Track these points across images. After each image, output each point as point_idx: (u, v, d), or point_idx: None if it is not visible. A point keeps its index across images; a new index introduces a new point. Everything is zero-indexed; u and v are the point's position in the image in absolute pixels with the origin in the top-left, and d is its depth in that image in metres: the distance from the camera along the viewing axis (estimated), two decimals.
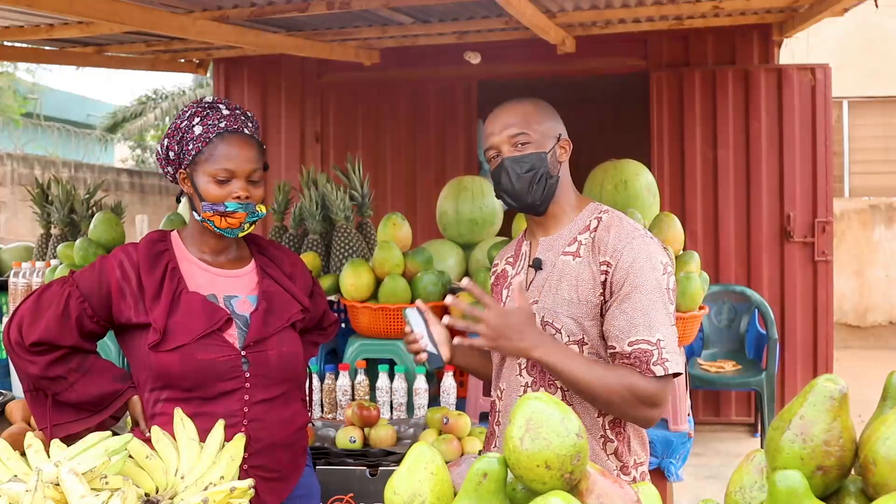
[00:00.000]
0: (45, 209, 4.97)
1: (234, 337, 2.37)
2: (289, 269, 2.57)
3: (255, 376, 2.38)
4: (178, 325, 2.32)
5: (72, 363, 2.37)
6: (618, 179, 4.25)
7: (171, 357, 2.31)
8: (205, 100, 2.43)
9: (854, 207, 11.20)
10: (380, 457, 3.20)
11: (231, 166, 2.34)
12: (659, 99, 7.00)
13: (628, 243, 2.17)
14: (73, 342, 2.36)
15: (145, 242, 2.43)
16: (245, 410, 2.35)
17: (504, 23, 5.90)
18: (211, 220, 2.37)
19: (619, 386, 2.09)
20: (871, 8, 5.73)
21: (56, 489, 1.67)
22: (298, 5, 5.02)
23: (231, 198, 2.34)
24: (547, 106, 2.35)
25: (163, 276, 2.37)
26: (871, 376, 5.56)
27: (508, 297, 2.38)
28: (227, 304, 2.42)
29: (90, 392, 2.38)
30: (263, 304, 2.44)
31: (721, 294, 6.65)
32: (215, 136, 2.36)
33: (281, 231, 4.79)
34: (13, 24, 5.51)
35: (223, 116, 2.39)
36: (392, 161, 7.74)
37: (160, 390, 2.36)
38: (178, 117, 2.42)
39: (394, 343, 3.95)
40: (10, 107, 16.13)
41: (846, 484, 1.29)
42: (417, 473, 1.45)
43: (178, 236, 2.48)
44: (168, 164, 2.43)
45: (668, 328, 2.13)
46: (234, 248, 2.50)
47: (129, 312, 2.34)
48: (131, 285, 2.35)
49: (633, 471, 2.26)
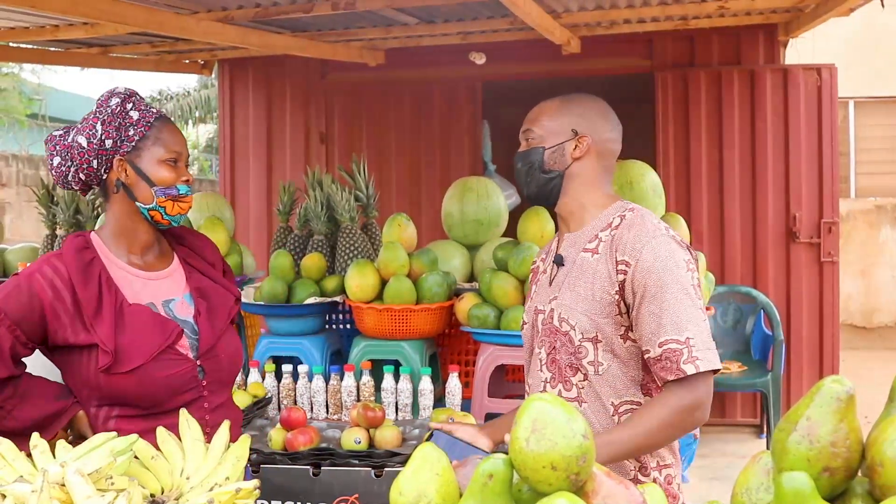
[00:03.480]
0: (51, 210, 4.98)
1: (185, 347, 2.28)
2: (210, 256, 2.48)
3: (211, 382, 2.32)
4: (128, 344, 2.18)
5: (6, 392, 2.17)
6: (623, 180, 4.25)
7: (126, 379, 2.17)
8: (118, 89, 2.32)
9: (860, 208, 11.18)
10: (385, 458, 3.20)
11: (178, 149, 2.30)
12: (664, 99, 6.99)
13: (647, 243, 2.16)
14: (8, 374, 2.16)
15: (71, 252, 2.23)
16: (207, 418, 2.27)
17: (509, 23, 5.89)
18: (162, 207, 2.27)
19: (661, 423, 2.10)
20: (877, 8, 5.71)
21: (62, 490, 1.67)
22: (303, 6, 5.02)
23: (181, 181, 2.29)
24: (576, 102, 2.35)
25: (99, 288, 2.21)
26: (878, 377, 5.55)
27: (535, 291, 2.41)
28: (167, 310, 2.30)
29: (30, 416, 2.18)
30: (203, 304, 2.34)
31: (727, 295, 6.63)
32: (155, 121, 2.29)
33: (286, 232, 4.79)
34: (18, 25, 5.52)
35: (148, 104, 2.32)
36: (397, 162, 7.73)
37: (109, 407, 2.23)
38: (102, 106, 2.28)
39: (399, 344, 3.96)
40: (16, 108, 16.15)
41: (853, 485, 1.29)
42: (423, 474, 1.44)
43: (98, 238, 2.32)
44: (98, 154, 2.25)
45: (698, 325, 2.12)
46: (158, 244, 2.38)
47: (66, 333, 2.17)
48: (65, 304, 2.17)
49: (656, 473, 2.24)
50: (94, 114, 2.28)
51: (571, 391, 2.25)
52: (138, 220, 2.30)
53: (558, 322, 2.25)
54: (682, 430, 2.15)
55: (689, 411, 2.10)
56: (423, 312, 3.96)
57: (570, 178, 2.31)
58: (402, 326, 3.94)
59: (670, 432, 2.13)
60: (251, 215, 7.87)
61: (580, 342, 2.21)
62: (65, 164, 2.28)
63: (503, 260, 3.97)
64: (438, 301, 3.99)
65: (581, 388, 2.23)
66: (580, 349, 2.22)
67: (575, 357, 2.23)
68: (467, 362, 4.33)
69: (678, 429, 2.13)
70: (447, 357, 4.37)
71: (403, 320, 3.93)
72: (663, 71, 7.05)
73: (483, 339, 3.98)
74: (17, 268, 4.46)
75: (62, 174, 2.30)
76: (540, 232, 4.13)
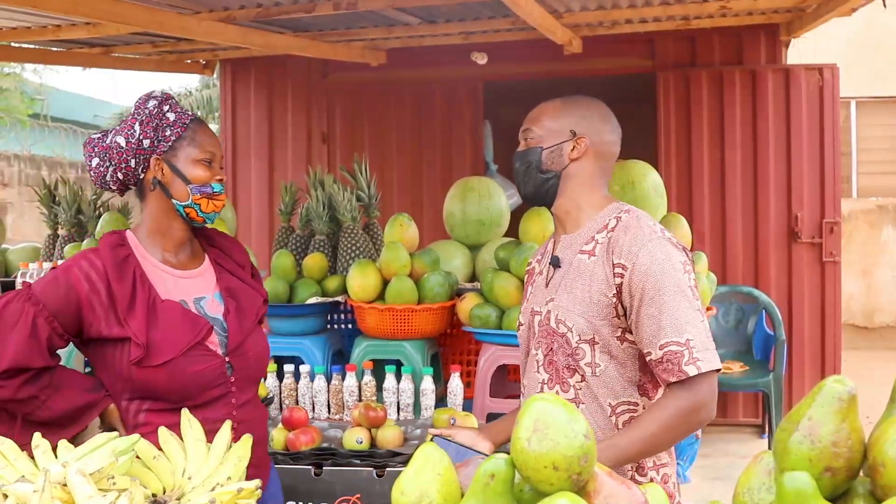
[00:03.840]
0: (53, 210, 4.98)
1: (215, 344, 2.35)
2: (239, 258, 2.54)
3: (239, 379, 2.37)
4: (160, 338, 2.25)
5: (42, 381, 2.23)
6: (625, 180, 4.25)
7: (157, 373, 2.24)
8: (155, 92, 2.42)
9: (862, 208, 11.17)
10: (387, 458, 3.20)
11: (213, 149, 2.38)
12: (666, 99, 6.98)
13: (643, 246, 2.16)
14: (44, 363, 2.23)
15: (107, 248, 2.32)
16: (234, 413, 2.34)
17: (510, 23, 5.89)
18: (197, 204, 2.35)
19: (663, 425, 2.10)
20: (879, 8, 5.70)
21: (63, 490, 1.67)
22: (304, 6, 5.02)
23: (215, 179, 2.37)
24: (576, 104, 2.35)
25: (133, 284, 2.28)
26: (879, 377, 5.55)
27: (531, 293, 2.42)
28: (198, 307, 2.37)
29: (63, 407, 2.26)
30: (233, 304, 2.41)
31: (728, 295, 6.63)
32: (190, 122, 2.38)
33: (288, 232, 4.79)
34: (20, 25, 5.52)
35: (182, 106, 2.41)
36: (398, 162, 7.73)
37: (140, 400, 2.30)
38: (140, 108, 2.37)
39: (400, 344, 3.96)
40: (17, 108, 16.14)
41: (854, 485, 1.29)
42: (425, 474, 1.44)
43: (133, 237, 2.40)
44: (136, 153, 2.33)
45: (697, 326, 2.12)
46: (190, 244, 2.45)
47: (101, 326, 2.24)
48: (100, 297, 2.24)
49: (653, 472, 2.25)
50: (133, 115, 2.37)
51: (569, 392, 2.25)
52: (174, 218, 2.38)
53: (555, 324, 2.25)
54: (686, 431, 2.15)
55: (692, 412, 2.10)
56: (425, 312, 3.96)
57: (567, 179, 2.32)
58: (403, 326, 3.94)
59: (674, 434, 2.13)
60: (253, 215, 7.88)
61: (577, 344, 2.22)
62: (103, 165, 2.36)
63: (505, 260, 3.97)
64: (440, 301, 3.99)
65: (578, 389, 2.23)
66: (577, 351, 2.22)
67: (572, 358, 2.23)
68: (469, 362, 4.33)
69: (683, 430, 2.13)
70: (449, 357, 4.37)
71: (405, 320, 3.93)
72: (665, 71, 7.04)
73: (485, 339, 3.98)
74: (18, 268, 4.46)
75: (101, 174, 2.37)
76: (542, 232, 4.13)
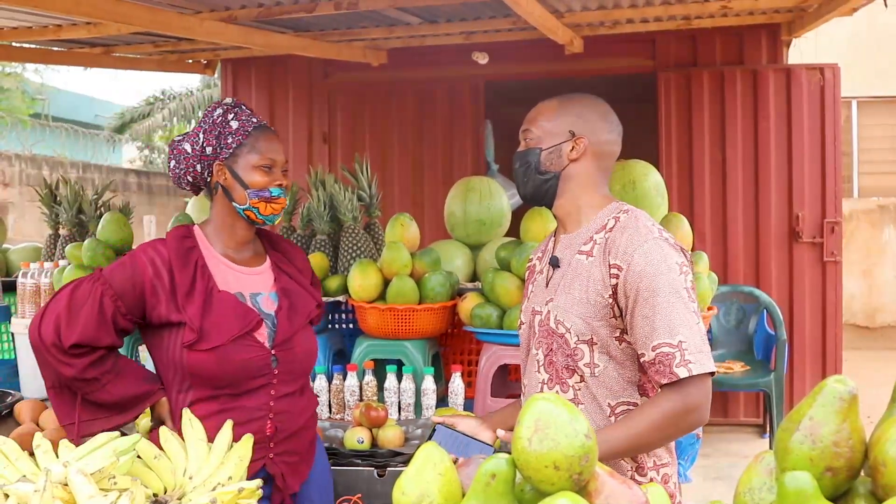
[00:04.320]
0: (54, 210, 4.97)
1: (263, 336, 2.48)
2: (300, 264, 2.70)
3: (283, 373, 2.50)
4: (213, 325, 2.39)
5: (106, 364, 2.39)
6: (626, 180, 4.24)
7: (207, 357, 2.37)
8: (225, 101, 2.59)
9: (863, 208, 11.16)
10: (388, 457, 3.20)
11: (273, 156, 2.52)
12: (667, 99, 6.98)
13: (639, 246, 2.15)
14: (111, 342, 2.39)
15: (174, 239, 2.49)
16: (271, 404, 2.47)
17: (511, 23, 5.89)
18: (256, 208, 2.49)
19: (652, 425, 2.09)
20: (880, 7, 5.70)
21: (64, 489, 1.67)
22: (306, 6, 5.02)
23: (274, 184, 2.51)
24: (575, 103, 2.34)
25: (194, 273, 2.44)
26: (880, 377, 5.54)
27: (532, 292, 2.42)
28: (254, 301, 2.51)
29: (120, 393, 2.41)
30: (286, 302, 2.55)
31: (729, 294, 6.63)
32: (253, 130, 2.53)
33: (289, 231, 4.79)
34: (21, 24, 5.52)
35: (251, 114, 2.58)
36: (400, 161, 7.73)
37: (188, 391, 2.43)
38: (207, 116, 2.54)
39: (402, 343, 3.96)
40: (19, 108, 16.16)
41: (855, 485, 1.29)
42: (426, 474, 1.44)
43: (200, 232, 2.56)
44: (200, 159, 2.51)
45: (691, 328, 2.10)
46: (253, 244, 2.61)
47: (161, 310, 2.39)
48: (164, 282, 2.40)
49: (653, 472, 2.25)
50: (200, 123, 2.55)
51: (568, 392, 2.25)
52: (236, 219, 2.54)
53: (554, 324, 2.25)
54: (677, 433, 2.15)
55: (682, 415, 2.09)
56: (426, 312, 3.96)
57: (567, 180, 2.31)
58: (404, 326, 3.94)
59: (664, 434, 2.13)
60: None
61: (576, 344, 2.22)
62: (178, 167, 2.55)
63: (506, 259, 3.97)
64: (441, 301, 3.98)
65: (577, 389, 2.24)
66: (576, 351, 2.23)
67: (571, 359, 2.24)
68: (470, 362, 4.33)
69: (672, 431, 2.13)
70: (450, 357, 4.37)
71: (406, 320, 3.93)
72: (666, 71, 7.04)
73: (486, 338, 3.98)
74: (19, 268, 4.45)
75: (177, 176, 2.57)
76: (543, 232, 4.13)
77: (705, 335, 2.15)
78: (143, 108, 19.33)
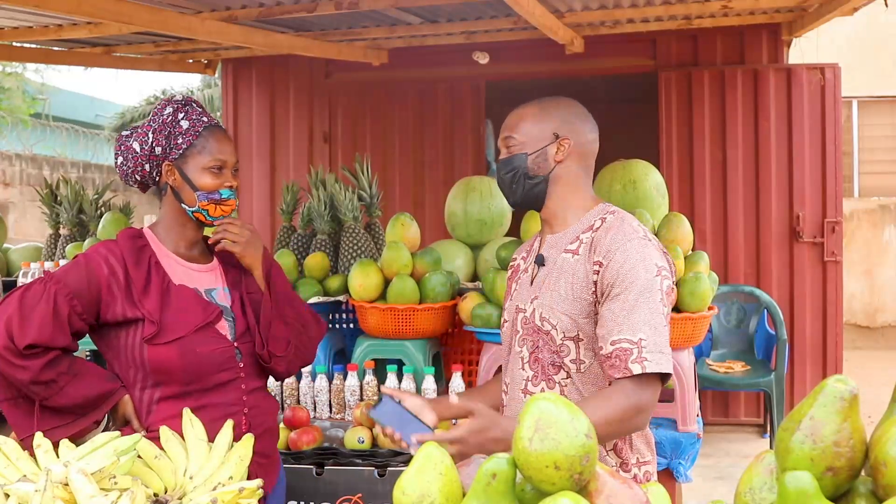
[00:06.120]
0: (54, 209, 4.98)
1: (225, 329, 2.46)
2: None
3: (248, 366, 2.48)
4: (172, 318, 2.37)
5: (62, 366, 2.31)
6: (626, 179, 4.24)
7: (168, 350, 2.34)
8: (175, 97, 2.54)
9: (863, 207, 11.16)
10: (388, 457, 3.20)
11: (223, 157, 2.47)
12: (668, 99, 6.99)
13: (622, 245, 2.17)
14: (66, 342, 2.31)
15: (125, 239, 2.46)
16: (245, 398, 2.46)
17: (512, 23, 5.89)
18: (205, 210, 2.46)
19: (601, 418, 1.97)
20: (880, 7, 5.71)
21: (65, 489, 1.67)
22: (307, 5, 5.02)
23: (224, 186, 2.47)
24: (554, 105, 2.37)
25: (148, 269, 2.41)
26: (881, 377, 5.55)
27: (515, 290, 2.43)
28: (209, 297, 2.49)
29: (80, 394, 2.33)
30: (237, 295, 2.53)
31: (730, 294, 6.63)
32: (203, 130, 2.47)
33: (289, 231, 4.79)
34: (22, 24, 5.53)
35: (202, 112, 2.52)
36: (400, 161, 7.74)
37: (153, 388, 2.38)
38: (157, 114, 2.49)
39: (402, 343, 3.95)
40: (19, 107, 16.14)
41: (856, 485, 1.29)
42: (426, 474, 1.44)
43: (150, 232, 2.53)
44: (149, 159, 2.46)
45: (655, 329, 2.10)
46: (202, 243, 2.58)
47: (117, 308, 2.35)
48: (119, 280, 2.37)
49: (636, 469, 2.26)
50: (150, 121, 2.50)
51: (554, 389, 2.26)
52: (186, 219, 2.50)
53: (539, 321, 2.27)
54: (620, 432, 2.14)
55: (631, 414, 2.07)
56: (427, 312, 3.96)
57: (555, 182, 2.34)
58: (405, 326, 3.94)
59: (610, 430, 2.08)
60: (254, 214, 7.88)
61: (562, 341, 2.23)
62: (126, 164, 2.50)
63: (506, 259, 3.97)
64: (441, 300, 3.98)
65: (564, 385, 2.25)
66: (562, 348, 2.24)
67: (557, 355, 2.25)
68: (470, 362, 4.33)
69: (617, 429, 2.10)
70: (450, 356, 4.37)
71: (406, 320, 3.93)
72: (667, 70, 7.04)
73: (486, 338, 3.98)
74: (20, 267, 4.46)
75: (124, 172, 2.52)
76: None
77: (668, 340, 2.13)
78: (144, 107, 19.31)
